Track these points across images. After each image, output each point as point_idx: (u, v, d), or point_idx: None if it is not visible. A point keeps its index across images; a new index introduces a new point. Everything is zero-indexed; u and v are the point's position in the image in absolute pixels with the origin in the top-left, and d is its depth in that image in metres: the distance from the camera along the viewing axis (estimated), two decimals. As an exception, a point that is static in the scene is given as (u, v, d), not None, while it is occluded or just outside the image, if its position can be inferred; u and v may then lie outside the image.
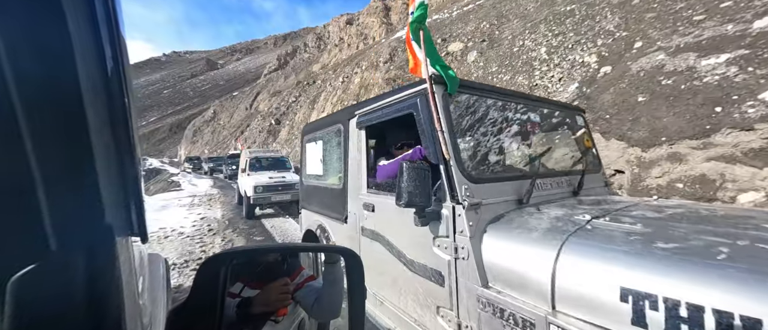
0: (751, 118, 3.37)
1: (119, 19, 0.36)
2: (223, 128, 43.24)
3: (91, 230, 0.34)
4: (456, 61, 11.62)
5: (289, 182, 7.47)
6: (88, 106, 0.32)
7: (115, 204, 0.36)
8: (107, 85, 0.35)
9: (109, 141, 0.35)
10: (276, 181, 7.36)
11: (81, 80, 0.31)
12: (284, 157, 9.35)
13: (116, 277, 0.36)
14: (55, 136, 0.31)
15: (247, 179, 7.50)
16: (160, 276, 1.40)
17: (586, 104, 5.52)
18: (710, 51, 4.56)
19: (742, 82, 3.81)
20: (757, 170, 3.12)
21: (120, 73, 0.36)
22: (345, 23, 36.53)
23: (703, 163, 3.49)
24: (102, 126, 0.34)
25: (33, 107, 0.29)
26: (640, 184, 3.87)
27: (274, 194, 7.17)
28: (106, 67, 0.34)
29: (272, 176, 7.63)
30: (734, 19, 4.88)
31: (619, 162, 4.31)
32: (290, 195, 7.34)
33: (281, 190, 7.27)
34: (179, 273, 3.87)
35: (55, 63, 0.30)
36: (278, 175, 7.82)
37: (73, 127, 0.32)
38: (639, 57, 5.56)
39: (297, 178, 7.53)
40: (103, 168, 0.34)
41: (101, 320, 0.34)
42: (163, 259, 1.65)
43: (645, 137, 4.14)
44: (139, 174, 0.41)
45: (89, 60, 0.33)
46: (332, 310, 1.00)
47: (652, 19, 6.42)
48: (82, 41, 0.32)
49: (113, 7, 0.35)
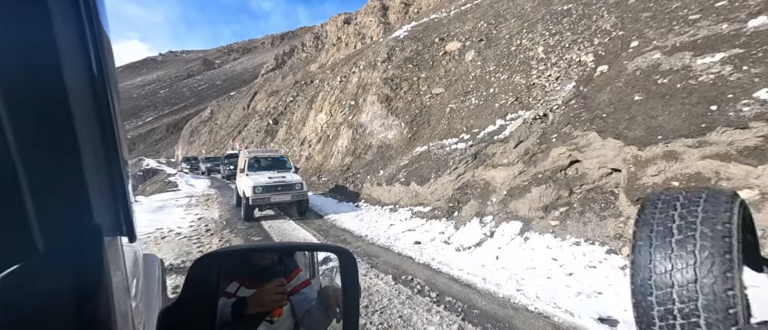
0: (746, 117, 3.40)
1: (103, 19, 0.36)
2: (221, 128, 43.04)
3: (78, 230, 0.33)
4: (454, 60, 11.63)
5: (289, 182, 7.17)
6: (73, 105, 0.32)
7: (102, 204, 0.36)
8: (92, 85, 0.35)
9: (96, 141, 0.35)
10: (276, 181, 7.10)
11: (66, 80, 0.31)
12: (284, 156, 9.04)
13: (105, 277, 0.35)
14: (40, 137, 0.31)
15: (245, 180, 7.28)
16: (155, 277, 1.39)
17: (583, 103, 5.55)
18: (705, 50, 4.59)
19: (736, 81, 3.84)
20: (752, 168, 3.14)
21: (105, 72, 0.36)
22: (342, 23, 36.44)
23: (698, 162, 3.51)
24: (88, 126, 0.34)
25: (18, 107, 0.29)
26: (636, 183, 3.89)
27: (274, 195, 6.91)
28: (91, 66, 0.34)
29: (272, 176, 7.35)
30: (729, 19, 4.91)
31: (616, 161, 4.33)
32: (290, 195, 7.07)
33: (281, 191, 7.01)
34: (176, 274, 3.85)
35: (40, 63, 0.30)
36: (278, 175, 7.54)
37: (59, 127, 0.32)
38: (635, 56, 5.58)
39: (298, 178, 7.36)
40: (90, 168, 0.34)
41: (90, 320, 0.34)
42: (158, 260, 1.64)
43: (641, 136, 4.16)
44: (126, 174, 0.41)
45: (74, 60, 0.32)
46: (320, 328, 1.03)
47: (648, 18, 6.46)
48: (67, 41, 0.32)
49: (95, 7, 0.35)
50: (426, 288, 3.36)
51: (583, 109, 5.40)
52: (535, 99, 7.31)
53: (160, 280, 1.47)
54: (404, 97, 11.55)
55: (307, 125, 17.31)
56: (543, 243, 4.12)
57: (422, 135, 9.61)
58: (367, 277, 3.68)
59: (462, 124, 8.50)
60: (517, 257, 3.98)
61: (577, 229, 4.08)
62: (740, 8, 4.96)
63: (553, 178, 4.89)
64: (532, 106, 7.13)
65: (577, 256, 3.70)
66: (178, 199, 10.56)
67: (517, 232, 4.54)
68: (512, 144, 6.03)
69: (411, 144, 9.65)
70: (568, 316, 2.68)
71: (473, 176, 6.22)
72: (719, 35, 4.71)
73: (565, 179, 4.82)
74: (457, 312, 2.85)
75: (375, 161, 10.11)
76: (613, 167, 4.40)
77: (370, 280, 3.62)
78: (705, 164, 3.45)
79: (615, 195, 4.20)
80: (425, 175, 7.19)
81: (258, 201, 6.80)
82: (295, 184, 7.18)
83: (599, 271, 3.40)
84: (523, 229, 4.53)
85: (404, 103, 11.35)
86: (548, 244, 4.07)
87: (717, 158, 3.38)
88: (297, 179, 7.35)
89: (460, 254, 4.40)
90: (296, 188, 7.14)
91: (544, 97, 7.04)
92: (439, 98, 10.59)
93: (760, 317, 0.72)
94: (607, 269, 3.37)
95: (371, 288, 3.41)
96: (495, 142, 6.59)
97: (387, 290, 3.35)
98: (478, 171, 6.20)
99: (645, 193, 3.74)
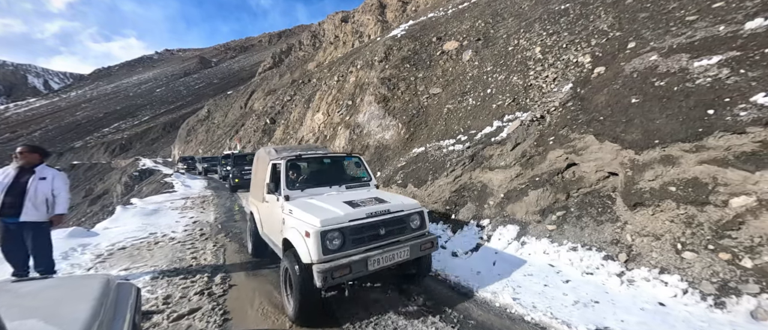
0: (743, 121, 3.36)
1: None
2: (218, 127, 42.80)
3: None
4: (451, 60, 11.56)
5: (397, 213, 3.14)
6: None
7: None
8: None
9: None
10: (372, 211, 3.02)
11: None
12: (354, 155, 4.37)
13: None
14: None
15: (291, 217, 3.17)
16: (124, 316, 1.33)
17: (581, 105, 5.51)
18: (702, 52, 4.55)
19: (733, 85, 3.80)
20: (749, 174, 3.11)
21: None
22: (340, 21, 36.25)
23: (695, 167, 3.48)
24: None
25: None
26: (633, 187, 3.86)
27: (378, 252, 2.86)
28: None
29: (356, 200, 3.25)
30: (726, 20, 4.88)
31: (613, 164, 4.30)
32: (408, 249, 3.03)
33: (389, 241, 3.02)
34: (168, 282, 3.79)
35: None
36: (367, 196, 3.43)
37: None
38: (632, 57, 5.55)
39: (411, 203, 3.32)
40: None
41: None
42: (135, 290, 1.58)
43: (638, 139, 4.13)
44: None
45: None
46: None
47: (646, 18, 6.42)
48: None
49: None
50: (421, 297, 3.32)
51: (581, 111, 5.36)
52: (533, 100, 7.26)
53: (132, 312, 1.42)
54: (401, 97, 11.48)
55: (305, 125, 17.21)
56: (540, 248, 4.09)
57: (419, 136, 9.56)
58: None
59: (459, 125, 8.45)
60: (513, 263, 3.95)
61: (574, 234, 4.05)
62: (737, 10, 4.92)
63: (550, 181, 4.86)
64: (530, 107, 7.09)
65: (574, 262, 3.67)
66: (174, 202, 10.47)
67: (514, 236, 4.50)
68: (509, 146, 5.99)
69: (408, 145, 9.60)
70: (565, 327, 2.65)
71: (470, 178, 6.18)
72: (716, 37, 4.67)
73: (562, 182, 4.79)
74: (452, 323, 2.81)
75: (372, 162, 10.06)
76: (610, 171, 4.37)
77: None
78: (702, 169, 3.42)
79: (612, 199, 4.18)
80: (422, 177, 7.14)
81: (340, 274, 2.65)
82: (411, 217, 3.23)
83: (596, 278, 3.37)
84: (520, 234, 4.50)
85: (402, 103, 11.29)
86: (545, 249, 4.04)
87: (714, 163, 3.35)
88: (410, 205, 3.32)
89: (457, 261, 4.36)
90: (413, 226, 3.22)
91: (542, 99, 7.00)
92: (436, 98, 10.53)
93: None
94: (604, 276, 3.35)
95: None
96: (492, 143, 6.54)
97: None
98: (475, 173, 6.16)
99: (643, 198, 3.71)
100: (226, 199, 10.03)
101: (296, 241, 2.82)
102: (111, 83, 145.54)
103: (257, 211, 4.51)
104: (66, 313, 1.16)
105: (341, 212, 2.86)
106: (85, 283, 1.48)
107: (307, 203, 3.23)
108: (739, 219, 3.03)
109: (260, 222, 4.40)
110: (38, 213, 3.43)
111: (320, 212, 2.87)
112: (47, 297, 1.32)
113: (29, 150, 3.52)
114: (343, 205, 3.04)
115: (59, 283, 1.61)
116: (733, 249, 2.95)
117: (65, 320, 1.11)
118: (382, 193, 3.74)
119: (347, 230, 2.77)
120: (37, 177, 3.46)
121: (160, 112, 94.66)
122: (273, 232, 3.74)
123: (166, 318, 2.97)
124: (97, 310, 1.20)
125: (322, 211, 2.91)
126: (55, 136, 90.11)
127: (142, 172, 30.89)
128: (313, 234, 2.64)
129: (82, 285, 1.44)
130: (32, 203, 3.39)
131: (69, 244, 5.28)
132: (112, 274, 4.01)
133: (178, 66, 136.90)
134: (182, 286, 3.68)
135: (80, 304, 1.22)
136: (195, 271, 4.16)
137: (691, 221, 3.29)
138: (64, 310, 1.19)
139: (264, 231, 4.25)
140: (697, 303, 2.77)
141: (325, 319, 2.87)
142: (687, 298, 2.84)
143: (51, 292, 1.39)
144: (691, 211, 3.33)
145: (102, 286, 1.37)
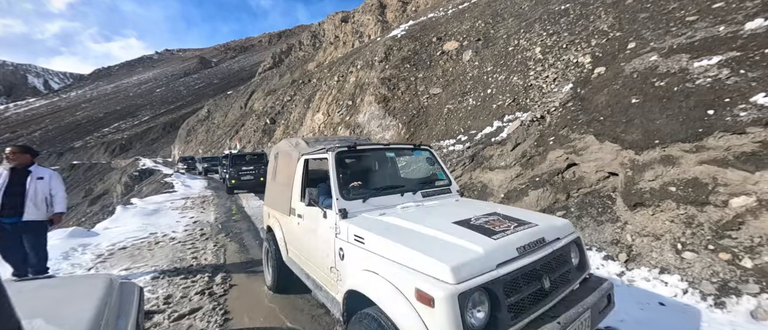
0: (743, 122, 3.37)
1: None
2: (218, 127, 42.82)
3: None
4: (451, 60, 11.57)
5: (555, 244, 1.81)
6: None
7: None
8: None
9: None
10: (525, 242, 1.66)
11: None
12: (422, 146, 3.37)
13: None
14: None
15: (365, 251, 1.78)
16: (130, 314, 1.34)
17: (581, 105, 5.52)
18: (702, 52, 4.56)
19: (733, 85, 3.81)
20: (749, 174, 3.12)
21: None
22: (340, 21, 36.26)
23: (695, 167, 3.49)
24: None
25: None
26: (633, 187, 3.87)
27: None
28: None
29: (468, 216, 1.94)
30: (726, 20, 4.89)
31: (613, 164, 4.31)
32: (588, 317, 1.66)
33: (559, 301, 1.67)
34: (168, 282, 3.80)
35: None
36: (479, 211, 2.11)
37: None
38: (632, 58, 5.55)
39: (562, 221, 2.10)
40: None
41: None
42: (137, 289, 1.59)
43: (638, 139, 4.13)
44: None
45: None
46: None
47: (646, 19, 6.43)
48: None
49: None
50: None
51: (581, 112, 5.37)
52: (533, 100, 7.27)
53: (136, 310, 1.43)
54: (402, 97, 11.49)
55: (305, 125, 17.23)
56: (540, 248, 4.09)
57: (420, 136, 9.57)
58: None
59: (459, 125, 8.46)
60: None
61: (575, 234, 4.06)
62: (737, 10, 4.93)
63: (551, 182, 4.87)
64: (530, 107, 7.10)
65: (575, 262, 3.67)
66: (174, 202, 10.48)
67: (515, 236, 4.50)
68: (510, 146, 6.00)
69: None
70: (565, 326, 2.65)
71: (471, 178, 6.19)
72: (716, 37, 4.68)
73: (562, 182, 4.80)
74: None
75: (372, 162, 10.06)
76: (610, 171, 4.38)
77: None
78: (702, 169, 3.43)
79: (612, 199, 4.18)
80: (422, 177, 7.15)
81: None
82: (570, 249, 1.95)
83: (596, 277, 3.38)
84: (521, 234, 4.51)
85: (402, 103, 11.30)
86: (545, 249, 4.04)
87: (714, 163, 3.36)
88: (561, 226, 2.03)
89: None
90: (574, 265, 1.95)
91: (542, 99, 7.01)
92: (436, 99, 10.54)
93: None
94: (604, 276, 3.35)
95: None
96: (492, 143, 6.55)
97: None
98: (476, 173, 6.17)
99: (643, 198, 3.72)
100: (226, 199, 10.06)
101: (392, 309, 1.45)
102: (111, 83, 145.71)
103: (280, 228, 3.18)
104: (70, 313, 1.17)
105: (480, 249, 1.51)
106: (88, 282, 1.49)
107: (390, 226, 1.84)
108: (739, 219, 3.04)
109: (284, 243, 3.08)
110: (39, 212, 3.46)
111: (440, 250, 1.51)
112: (51, 296, 1.33)
113: (20, 151, 3.52)
114: (467, 232, 1.69)
115: (62, 282, 1.62)
116: (733, 249, 2.96)
117: (70, 320, 1.12)
118: (491, 204, 2.57)
119: (500, 286, 1.42)
120: (34, 177, 3.48)
121: (160, 112, 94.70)
122: (313, 264, 2.45)
123: (167, 318, 2.98)
124: (101, 309, 1.21)
125: (442, 248, 1.54)
126: (55, 136, 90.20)
127: (142, 172, 30.92)
128: (444, 299, 1.28)
129: (85, 285, 1.45)
130: (33, 203, 3.41)
131: (69, 244, 5.29)
132: (114, 273, 4.02)
133: (178, 66, 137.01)
134: (183, 285, 3.69)
135: (84, 303, 1.23)
136: (196, 271, 4.17)
137: (691, 221, 3.30)
138: (68, 309, 1.20)
139: (291, 257, 2.97)
140: (697, 303, 2.78)
141: None
142: (687, 298, 2.85)
143: (54, 291, 1.40)
144: (691, 211, 3.34)
145: (105, 286, 1.38)
